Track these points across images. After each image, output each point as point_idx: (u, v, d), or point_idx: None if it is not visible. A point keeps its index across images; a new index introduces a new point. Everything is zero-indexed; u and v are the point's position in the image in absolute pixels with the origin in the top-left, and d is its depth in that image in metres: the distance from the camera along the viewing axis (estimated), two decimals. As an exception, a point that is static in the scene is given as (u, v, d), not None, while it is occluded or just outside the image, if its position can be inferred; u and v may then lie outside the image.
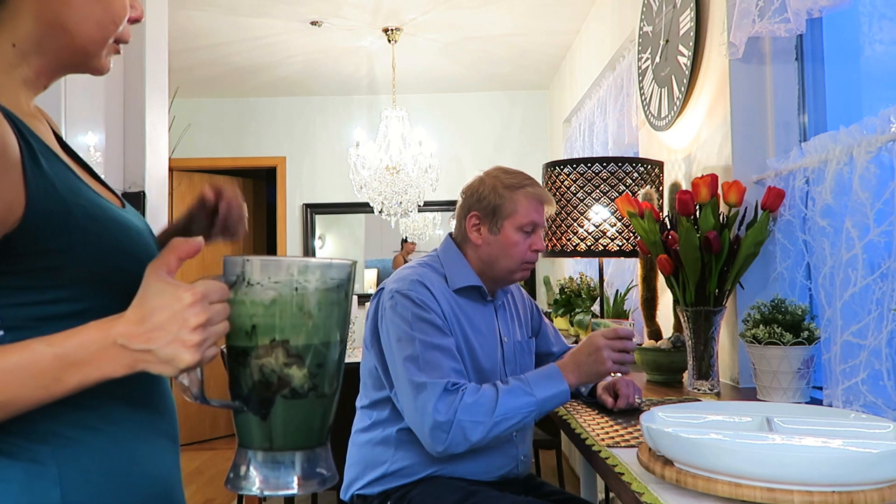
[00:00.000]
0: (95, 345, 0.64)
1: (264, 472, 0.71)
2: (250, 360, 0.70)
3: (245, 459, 0.72)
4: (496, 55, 4.58)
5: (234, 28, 4.03)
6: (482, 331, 1.60)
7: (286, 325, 0.70)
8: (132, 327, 0.64)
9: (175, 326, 0.63)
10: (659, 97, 2.49)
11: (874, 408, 1.35)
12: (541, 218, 1.63)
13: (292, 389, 0.71)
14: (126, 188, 2.13)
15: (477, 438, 1.39)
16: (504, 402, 1.40)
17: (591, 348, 1.44)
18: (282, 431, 0.71)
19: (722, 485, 0.90)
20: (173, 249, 0.67)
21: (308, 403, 0.72)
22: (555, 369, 1.45)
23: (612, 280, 3.38)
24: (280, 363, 0.70)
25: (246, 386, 0.71)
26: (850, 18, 1.74)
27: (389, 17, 3.92)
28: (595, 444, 1.29)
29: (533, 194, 1.62)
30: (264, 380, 0.70)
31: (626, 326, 1.49)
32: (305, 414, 0.72)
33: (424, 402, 1.41)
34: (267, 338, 0.70)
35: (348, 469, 1.62)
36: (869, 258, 1.38)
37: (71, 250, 0.70)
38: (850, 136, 1.44)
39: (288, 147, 5.45)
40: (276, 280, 0.70)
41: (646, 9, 2.68)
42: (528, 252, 1.61)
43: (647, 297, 2.11)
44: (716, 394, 1.69)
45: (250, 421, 0.72)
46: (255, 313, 0.70)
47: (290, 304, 0.70)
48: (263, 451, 0.71)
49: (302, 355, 0.71)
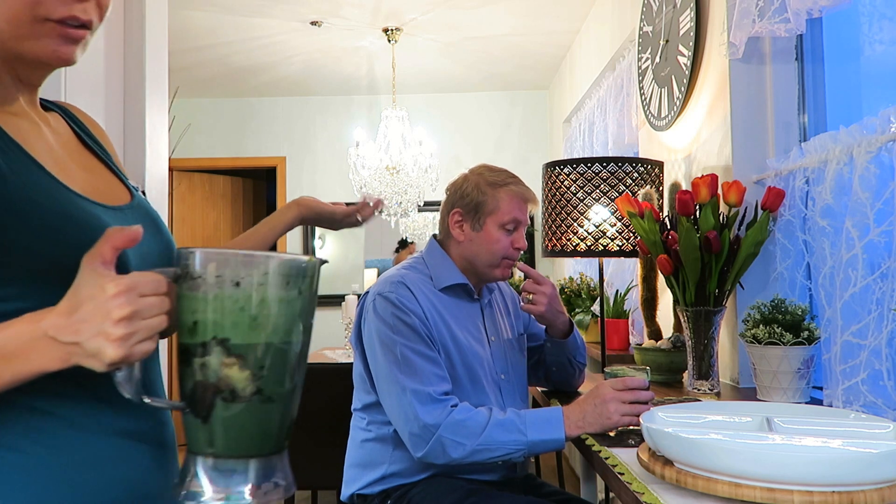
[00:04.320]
0: (25, 336, 0.61)
1: (215, 478, 0.66)
2: (192, 358, 0.66)
3: (193, 465, 0.67)
4: (496, 55, 4.58)
5: (234, 28, 4.03)
6: (469, 330, 1.60)
7: (226, 322, 0.65)
8: (61, 319, 0.61)
9: (98, 318, 0.60)
10: (659, 97, 2.49)
11: (874, 408, 1.35)
12: (523, 216, 1.63)
13: (232, 392, 0.66)
14: (126, 188, 2.13)
15: (456, 457, 1.38)
16: (492, 432, 1.38)
17: (598, 400, 1.36)
18: (223, 436, 0.66)
19: (722, 485, 0.90)
20: (108, 239, 0.63)
21: (252, 408, 0.66)
22: (557, 415, 1.40)
23: (612, 280, 3.38)
24: (219, 363, 0.65)
25: (188, 386, 0.67)
26: (850, 18, 1.74)
27: (389, 17, 3.92)
28: (595, 444, 1.29)
29: (516, 192, 1.62)
30: (204, 380, 0.65)
31: (641, 376, 1.40)
32: (250, 419, 0.66)
33: (407, 406, 1.42)
34: (208, 335, 0.65)
35: (347, 469, 1.62)
36: (869, 258, 1.38)
37: (13, 246, 0.67)
38: (850, 136, 1.44)
39: (288, 147, 5.45)
40: (217, 274, 0.65)
41: (646, 9, 2.68)
42: (510, 249, 1.61)
43: (647, 297, 2.11)
44: (716, 394, 1.69)
45: (194, 424, 0.67)
46: (196, 308, 0.66)
47: (229, 300, 0.65)
48: (212, 458, 0.66)
49: (244, 355, 0.66)
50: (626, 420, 1.34)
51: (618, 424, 1.34)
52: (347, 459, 1.63)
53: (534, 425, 1.39)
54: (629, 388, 1.36)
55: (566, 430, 1.37)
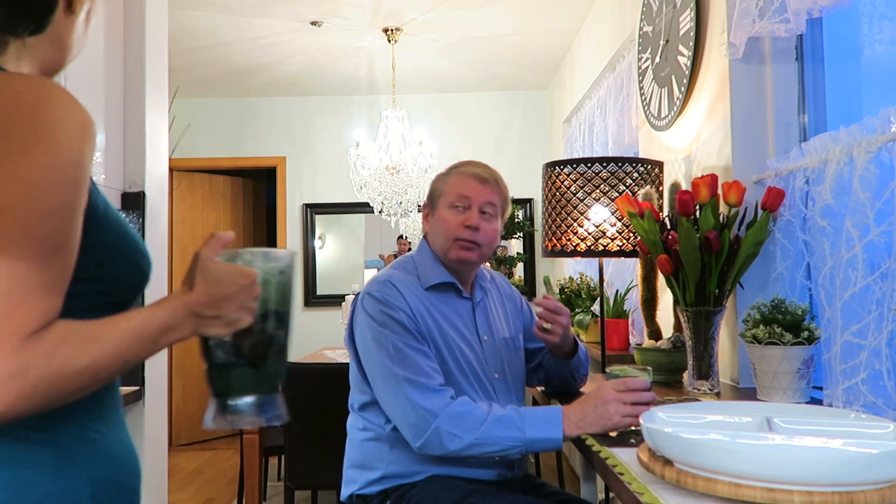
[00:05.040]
0: (181, 312, 0.78)
1: (257, 411, 0.88)
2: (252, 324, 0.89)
3: (236, 404, 0.88)
4: (496, 55, 4.58)
5: (234, 28, 4.03)
6: (459, 328, 1.60)
7: (275, 297, 0.89)
8: (205, 298, 0.79)
9: (243, 297, 0.82)
10: (659, 97, 2.49)
11: (874, 408, 1.35)
12: (473, 192, 1.59)
13: (281, 346, 0.91)
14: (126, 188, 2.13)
15: (453, 449, 1.39)
16: (490, 427, 1.38)
17: (599, 400, 1.36)
18: (270, 379, 0.90)
19: (722, 485, 0.90)
20: (217, 241, 0.84)
21: (283, 356, 0.92)
22: (556, 414, 1.39)
23: (612, 280, 3.38)
24: (273, 325, 0.90)
25: (245, 344, 0.89)
26: (850, 18, 1.74)
27: (389, 17, 3.92)
28: (595, 444, 1.29)
29: (465, 172, 1.63)
30: (262, 338, 0.90)
31: (643, 377, 1.39)
32: (281, 365, 0.91)
33: (403, 396, 1.43)
34: (270, 307, 0.89)
35: (346, 470, 1.63)
36: (869, 258, 1.38)
37: (106, 273, 0.82)
38: (850, 136, 1.44)
39: (288, 147, 5.45)
40: (269, 266, 0.90)
41: (646, 9, 2.68)
42: (461, 228, 1.58)
43: (647, 297, 2.11)
44: (716, 394, 1.69)
45: (244, 374, 0.89)
46: None
47: (277, 284, 0.90)
48: (256, 395, 0.88)
49: (283, 319, 0.91)
50: (626, 421, 1.33)
51: (618, 425, 1.34)
52: (346, 460, 1.63)
53: (532, 423, 1.39)
54: (631, 389, 1.36)
55: (565, 430, 1.37)
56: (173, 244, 5.14)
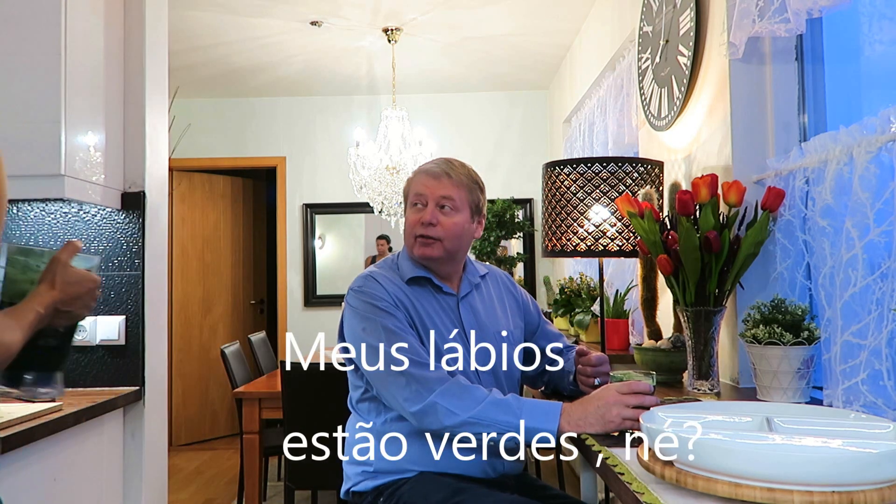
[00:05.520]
0: (51, 307, 1.01)
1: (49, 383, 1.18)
2: None
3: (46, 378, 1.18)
4: (496, 55, 4.58)
5: (234, 28, 4.03)
6: (442, 321, 1.61)
7: None
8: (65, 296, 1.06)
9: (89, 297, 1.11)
10: (659, 97, 2.49)
11: (874, 408, 1.35)
12: (425, 189, 1.62)
13: None
14: (126, 188, 2.13)
15: (448, 424, 1.41)
16: (488, 408, 1.39)
17: (602, 402, 1.36)
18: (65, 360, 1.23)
19: (722, 485, 0.90)
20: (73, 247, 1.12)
21: None
22: (556, 409, 1.39)
23: (612, 280, 3.38)
24: None
25: None
26: (850, 18, 1.74)
27: (389, 17, 3.92)
28: (595, 444, 1.29)
29: (420, 171, 1.67)
30: None
31: (647, 381, 1.40)
32: None
33: (398, 370, 1.45)
34: None
35: (344, 466, 1.65)
36: (869, 258, 1.38)
37: None
38: (850, 136, 1.44)
39: (288, 147, 5.45)
40: None
41: (646, 9, 2.68)
42: (417, 225, 1.61)
43: (647, 297, 2.11)
44: (716, 394, 1.69)
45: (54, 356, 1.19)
46: None
47: None
48: None
49: None
50: (627, 424, 1.34)
51: (619, 428, 1.34)
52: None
53: (531, 412, 1.39)
54: (634, 392, 1.36)
55: (562, 425, 1.37)
56: (173, 244, 5.14)
